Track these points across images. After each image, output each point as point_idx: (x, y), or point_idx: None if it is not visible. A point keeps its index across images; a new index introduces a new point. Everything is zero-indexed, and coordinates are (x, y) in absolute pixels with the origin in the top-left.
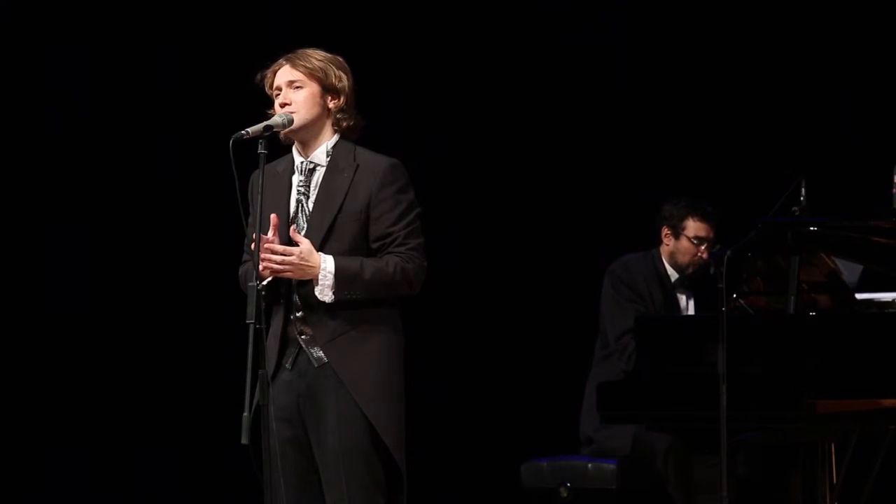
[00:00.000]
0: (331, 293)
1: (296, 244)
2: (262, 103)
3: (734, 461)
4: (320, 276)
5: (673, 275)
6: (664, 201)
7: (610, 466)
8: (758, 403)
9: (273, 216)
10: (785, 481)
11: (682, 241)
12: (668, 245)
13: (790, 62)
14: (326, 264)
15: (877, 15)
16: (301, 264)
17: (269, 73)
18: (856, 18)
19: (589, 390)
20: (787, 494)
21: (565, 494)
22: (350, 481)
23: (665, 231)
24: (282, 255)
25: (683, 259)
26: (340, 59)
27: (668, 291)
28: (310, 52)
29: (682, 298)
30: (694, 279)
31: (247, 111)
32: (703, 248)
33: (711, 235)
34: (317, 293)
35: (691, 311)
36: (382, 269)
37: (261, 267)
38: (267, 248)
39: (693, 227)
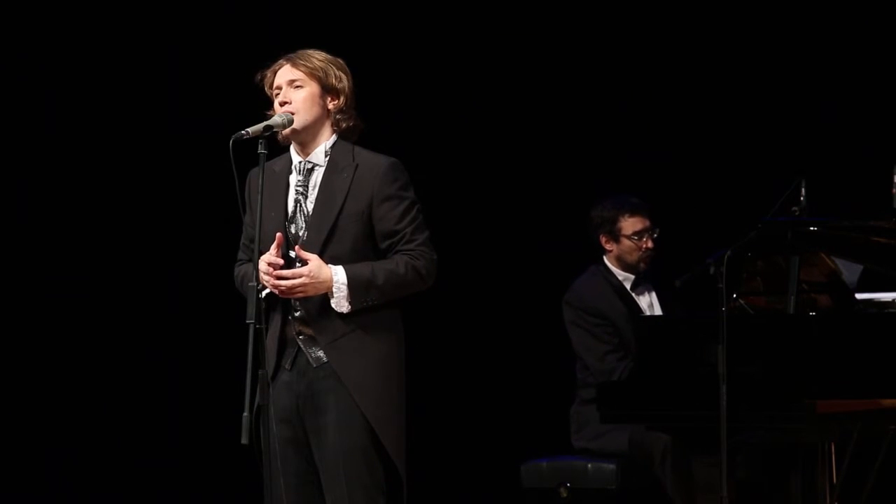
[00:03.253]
0: (347, 304)
1: (299, 259)
2: (263, 103)
3: (734, 461)
4: (334, 289)
5: (626, 278)
6: (590, 209)
7: (610, 466)
8: (758, 403)
9: (278, 235)
10: (785, 481)
11: (624, 242)
12: (611, 251)
13: (790, 62)
14: (338, 276)
15: (876, 15)
16: (313, 283)
17: (268, 72)
18: (856, 18)
19: (574, 410)
20: (787, 495)
21: (565, 494)
22: (350, 482)
23: (604, 238)
24: (291, 278)
25: (632, 258)
26: (341, 61)
27: (628, 298)
28: (310, 52)
29: (644, 298)
30: (687, 281)
31: (247, 111)
32: (644, 240)
33: (648, 224)
34: (333, 305)
35: (657, 308)
36: (394, 272)
37: (268, 285)
38: (275, 276)
39: (628, 224)
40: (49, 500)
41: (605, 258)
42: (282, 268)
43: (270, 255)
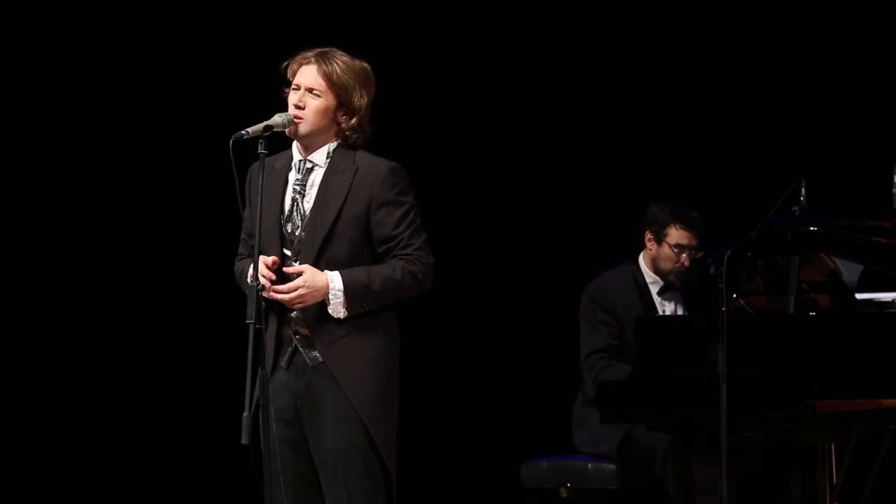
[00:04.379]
0: (343, 310)
1: (296, 259)
2: (263, 103)
3: (734, 461)
4: (330, 296)
5: (655, 281)
6: (652, 201)
7: (610, 466)
8: (758, 403)
9: (273, 258)
10: (785, 481)
11: (664, 248)
12: (650, 250)
13: (790, 62)
14: (334, 283)
15: (876, 14)
16: (310, 292)
17: (294, 63)
18: (855, 18)
19: (576, 408)
20: (787, 494)
21: (565, 494)
22: (348, 482)
23: (648, 235)
24: (287, 292)
25: (665, 265)
26: (367, 70)
27: (648, 301)
28: (338, 59)
29: (670, 304)
30: (689, 281)
31: (247, 111)
32: (683, 255)
33: (694, 243)
34: (330, 311)
35: None
36: (390, 277)
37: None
38: (272, 290)
39: (675, 234)
40: (49, 500)
41: (641, 255)
42: (278, 268)
43: (267, 270)
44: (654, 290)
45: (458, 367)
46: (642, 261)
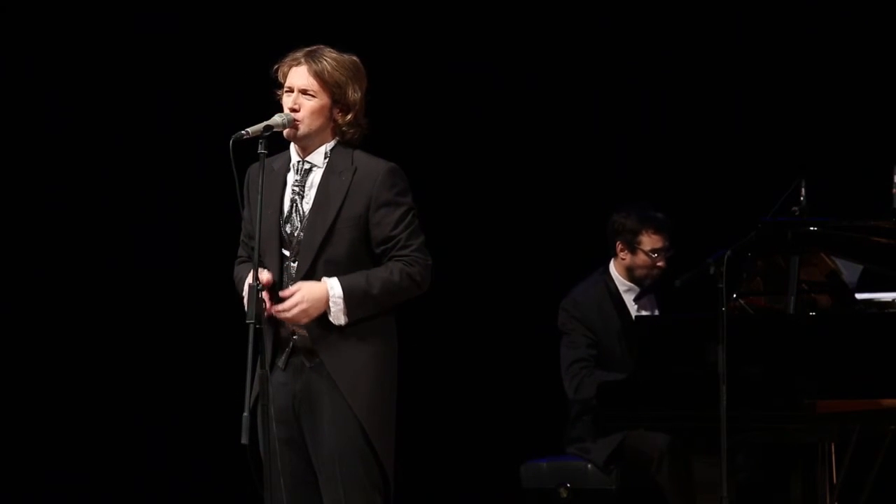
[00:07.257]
0: (344, 317)
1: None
2: (262, 103)
3: (734, 461)
4: (331, 303)
5: (629, 288)
6: (614, 210)
7: (609, 467)
8: (758, 403)
9: (268, 277)
10: (785, 481)
11: (639, 256)
12: (624, 259)
13: (790, 61)
14: (334, 290)
15: (876, 15)
16: (312, 305)
17: (284, 65)
18: (856, 18)
19: (569, 424)
20: (787, 494)
21: (565, 495)
22: (347, 482)
23: (620, 245)
24: (287, 308)
25: (641, 272)
26: (357, 63)
27: (623, 309)
28: (328, 56)
29: (646, 312)
30: (688, 281)
31: (247, 111)
32: (658, 257)
33: (667, 244)
34: (331, 319)
35: None
36: (389, 280)
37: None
38: (274, 310)
39: (648, 241)
40: (49, 500)
41: (612, 263)
42: (275, 287)
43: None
44: (627, 297)
45: (457, 367)
46: (613, 269)
